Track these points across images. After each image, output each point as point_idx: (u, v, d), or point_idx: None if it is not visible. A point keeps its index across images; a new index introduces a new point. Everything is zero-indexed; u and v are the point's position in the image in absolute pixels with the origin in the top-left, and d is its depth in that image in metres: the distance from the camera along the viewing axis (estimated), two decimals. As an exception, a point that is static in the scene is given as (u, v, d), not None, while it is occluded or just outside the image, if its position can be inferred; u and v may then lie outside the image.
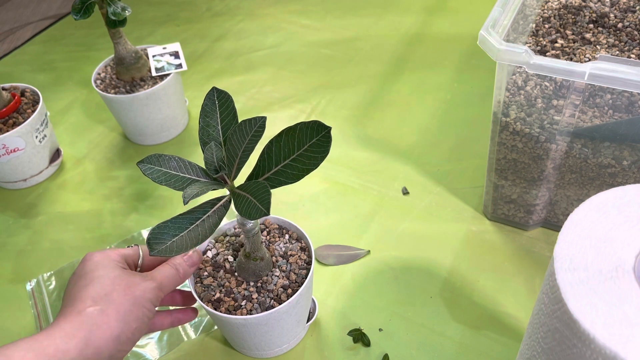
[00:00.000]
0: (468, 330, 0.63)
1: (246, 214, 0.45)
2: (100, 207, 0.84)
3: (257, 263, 0.56)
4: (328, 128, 0.45)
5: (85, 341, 0.44)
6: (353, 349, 0.63)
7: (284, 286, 0.57)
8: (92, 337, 0.44)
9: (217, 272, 0.58)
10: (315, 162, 0.46)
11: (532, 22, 0.65)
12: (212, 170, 0.48)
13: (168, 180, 0.48)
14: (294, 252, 0.59)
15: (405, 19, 1.15)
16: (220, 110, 0.50)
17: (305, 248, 0.60)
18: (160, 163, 0.49)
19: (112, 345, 0.45)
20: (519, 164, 0.65)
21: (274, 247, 0.60)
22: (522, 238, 0.72)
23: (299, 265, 0.58)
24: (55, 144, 0.92)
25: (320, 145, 0.46)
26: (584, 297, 0.34)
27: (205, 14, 1.26)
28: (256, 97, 1.00)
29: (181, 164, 0.49)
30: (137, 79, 0.88)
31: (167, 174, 0.48)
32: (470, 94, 0.95)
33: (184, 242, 0.47)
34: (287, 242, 0.61)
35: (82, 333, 0.44)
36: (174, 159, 0.49)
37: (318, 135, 0.45)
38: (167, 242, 0.46)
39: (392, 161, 0.85)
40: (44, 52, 1.21)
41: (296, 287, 0.57)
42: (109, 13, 0.80)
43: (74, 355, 0.43)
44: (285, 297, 0.56)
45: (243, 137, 0.47)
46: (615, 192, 0.41)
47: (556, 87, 0.58)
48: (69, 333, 0.44)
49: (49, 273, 0.74)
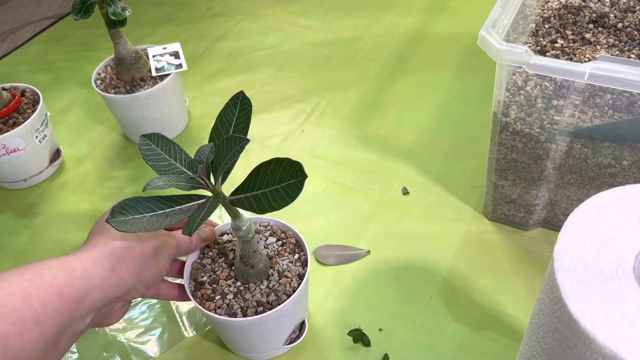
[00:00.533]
0: (468, 330, 0.63)
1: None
2: (100, 207, 0.84)
3: (247, 269, 0.55)
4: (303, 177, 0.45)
5: (111, 269, 0.46)
6: (353, 349, 0.63)
7: (258, 302, 0.55)
8: (118, 267, 0.47)
9: (220, 258, 0.59)
10: (287, 202, 0.46)
11: (532, 22, 0.65)
12: (195, 167, 0.48)
13: (155, 161, 0.48)
14: (290, 275, 0.57)
15: (405, 19, 1.15)
16: (237, 115, 0.51)
17: (297, 243, 0.60)
18: (160, 144, 0.49)
19: (132, 280, 0.48)
20: (519, 164, 0.65)
21: (277, 261, 0.58)
22: (522, 238, 0.72)
23: (284, 291, 0.56)
24: (55, 144, 0.92)
25: (293, 188, 0.45)
26: (584, 297, 0.34)
27: (205, 14, 1.26)
28: (256, 97, 1.00)
29: (177, 151, 0.49)
30: (137, 79, 0.88)
31: (159, 156, 0.48)
32: (470, 94, 0.95)
33: (143, 223, 0.45)
34: (292, 263, 0.59)
35: (109, 262, 0.46)
36: (174, 145, 0.49)
37: (292, 179, 0.45)
38: (127, 216, 0.45)
39: (392, 161, 0.85)
40: (44, 52, 1.21)
41: (268, 309, 0.54)
42: (109, 13, 0.80)
43: (98, 281, 0.45)
44: (252, 313, 0.54)
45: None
46: (615, 192, 0.41)
47: (556, 87, 0.58)
48: (97, 259, 0.46)
49: None
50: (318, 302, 0.67)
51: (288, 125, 0.94)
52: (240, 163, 0.88)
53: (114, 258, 0.47)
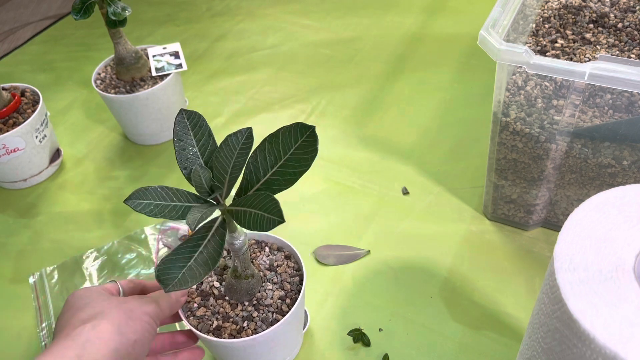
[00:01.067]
0: (468, 330, 0.63)
1: (256, 227, 0.44)
2: (100, 207, 0.84)
3: (249, 281, 0.54)
4: (311, 127, 0.45)
5: (77, 359, 0.41)
6: (353, 349, 0.63)
7: (281, 297, 0.55)
8: (84, 354, 0.41)
9: (207, 301, 0.56)
10: (306, 163, 0.45)
11: (532, 22, 0.65)
12: (204, 192, 0.47)
13: (162, 211, 0.46)
14: (280, 262, 0.58)
15: (406, 19, 1.15)
16: (193, 132, 0.48)
17: (290, 256, 0.59)
18: (148, 196, 0.46)
19: (111, 359, 0.43)
20: (519, 164, 0.65)
21: (258, 262, 0.58)
22: (522, 238, 0.72)
23: (289, 274, 0.57)
24: (55, 144, 0.92)
25: (307, 146, 0.45)
26: (584, 297, 0.34)
27: (205, 14, 1.26)
28: (256, 97, 1.00)
29: (169, 192, 0.47)
30: (137, 79, 0.88)
31: (159, 205, 0.46)
32: (470, 94, 0.95)
33: (194, 271, 0.45)
34: (270, 254, 0.59)
35: (72, 352, 0.41)
36: (161, 189, 0.47)
37: (303, 137, 0.45)
38: (177, 275, 0.45)
39: (392, 161, 0.85)
40: (44, 52, 1.21)
41: (293, 295, 0.55)
42: (109, 13, 0.80)
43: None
44: (285, 307, 0.54)
45: (231, 152, 0.46)
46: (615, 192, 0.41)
47: (556, 87, 0.58)
48: (59, 355, 0.41)
49: (52, 267, 0.74)
50: (318, 302, 0.67)
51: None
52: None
53: (78, 346, 0.42)
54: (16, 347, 0.68)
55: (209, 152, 0.49)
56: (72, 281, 0.73)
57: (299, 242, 0.73)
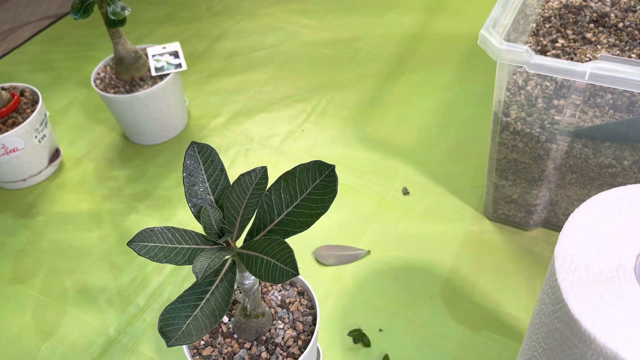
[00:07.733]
0: (468, 331, 0.63)
1: (268, 278, 0.40)
2: (99, 207, 0.84)
3: (259, 320, 0.51)
4: (331, 166, 0.42)
5: None
6: (353, 349, 0.62)
7: (293, 337, 0.52)
8: None
9: (215, 339, 0.52)
10: (324, 205, 0.42)
11: (532, 22, 0.65)
12: (213, 234, 0.44)
13: (168, 255, 0.42)
14: (292, 299, 0.54)
15: (406, 19, 1.15)
16: (205, 167, 0.45)
17: (303, 292, 0.56)
18: (154, 238, 0.43)
19: None
20: (519, 164, 0.65)
21: (269, 298, 0.55)
22: (522, 238, 0.72)
23: (301, 312, 0.53)
24: (55, 144, 0.92)
25: (325, 186, 0.42)
26: (584, 297, 0.34)
27: (205, 14, 1.26)
28: (256, 97, 1.00)
29: (176, 234, 0.43)
30: (136, 79, 0.88)
31: (165, 248, 0.43)
32: (470, 94, 0.95)
33: (200, 322, 0.41)
34: (282, 289, 0.56)
35: None
36: (167, 230, 0.43)
37: (321, 176, 0.42)
38: (182, 327, 0.41)
39: (392, 161, 0.85)
40: (44, 51, 1.21)
41: (305, 336, 0.52)
42: (109, 12, 0.79)
43: None
44: (296, 349, 0.51)
45: (244, 192, 0.42)
46: (616, 192, 0.41)
47: (557, 87, 0.57)
48: None
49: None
50: (318, 302, 0.67)
51: (288, 125, 0.93)
52: (240, 162, 0.88)
53: None
54: (16, 347, 0.67)
55: (220, 189, 0.45)
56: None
57: (299, 242, 0.73)
